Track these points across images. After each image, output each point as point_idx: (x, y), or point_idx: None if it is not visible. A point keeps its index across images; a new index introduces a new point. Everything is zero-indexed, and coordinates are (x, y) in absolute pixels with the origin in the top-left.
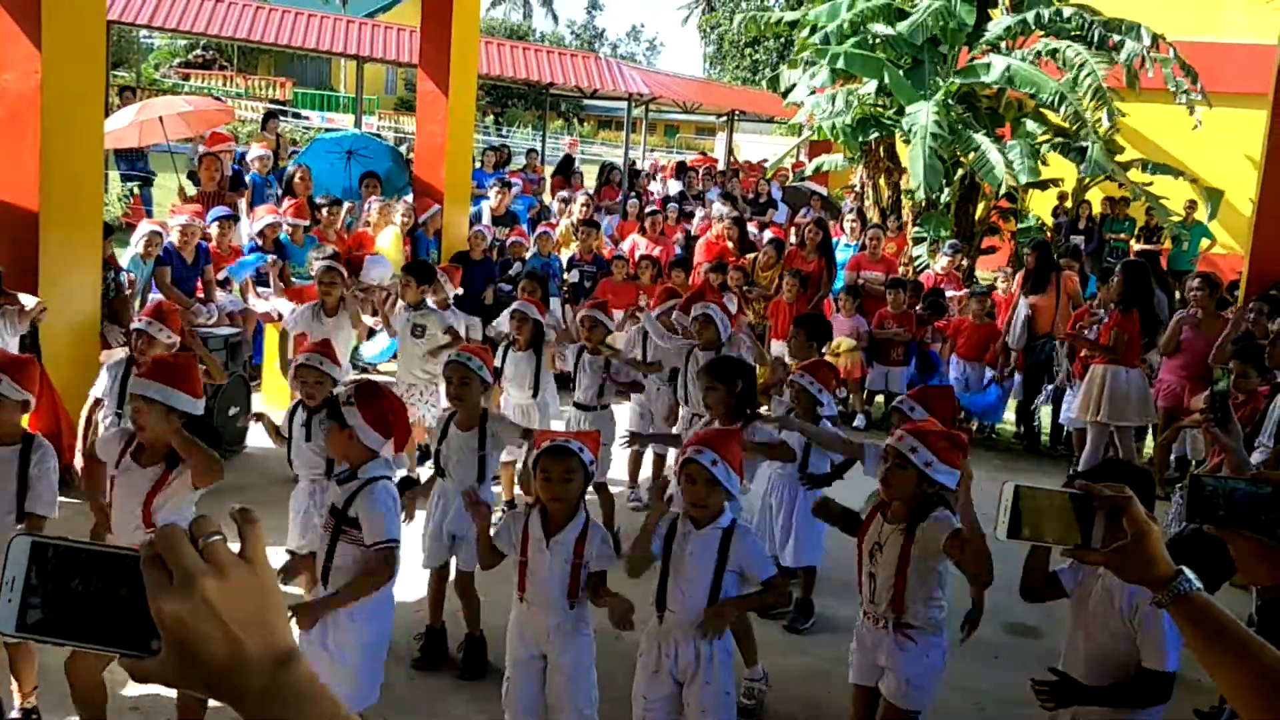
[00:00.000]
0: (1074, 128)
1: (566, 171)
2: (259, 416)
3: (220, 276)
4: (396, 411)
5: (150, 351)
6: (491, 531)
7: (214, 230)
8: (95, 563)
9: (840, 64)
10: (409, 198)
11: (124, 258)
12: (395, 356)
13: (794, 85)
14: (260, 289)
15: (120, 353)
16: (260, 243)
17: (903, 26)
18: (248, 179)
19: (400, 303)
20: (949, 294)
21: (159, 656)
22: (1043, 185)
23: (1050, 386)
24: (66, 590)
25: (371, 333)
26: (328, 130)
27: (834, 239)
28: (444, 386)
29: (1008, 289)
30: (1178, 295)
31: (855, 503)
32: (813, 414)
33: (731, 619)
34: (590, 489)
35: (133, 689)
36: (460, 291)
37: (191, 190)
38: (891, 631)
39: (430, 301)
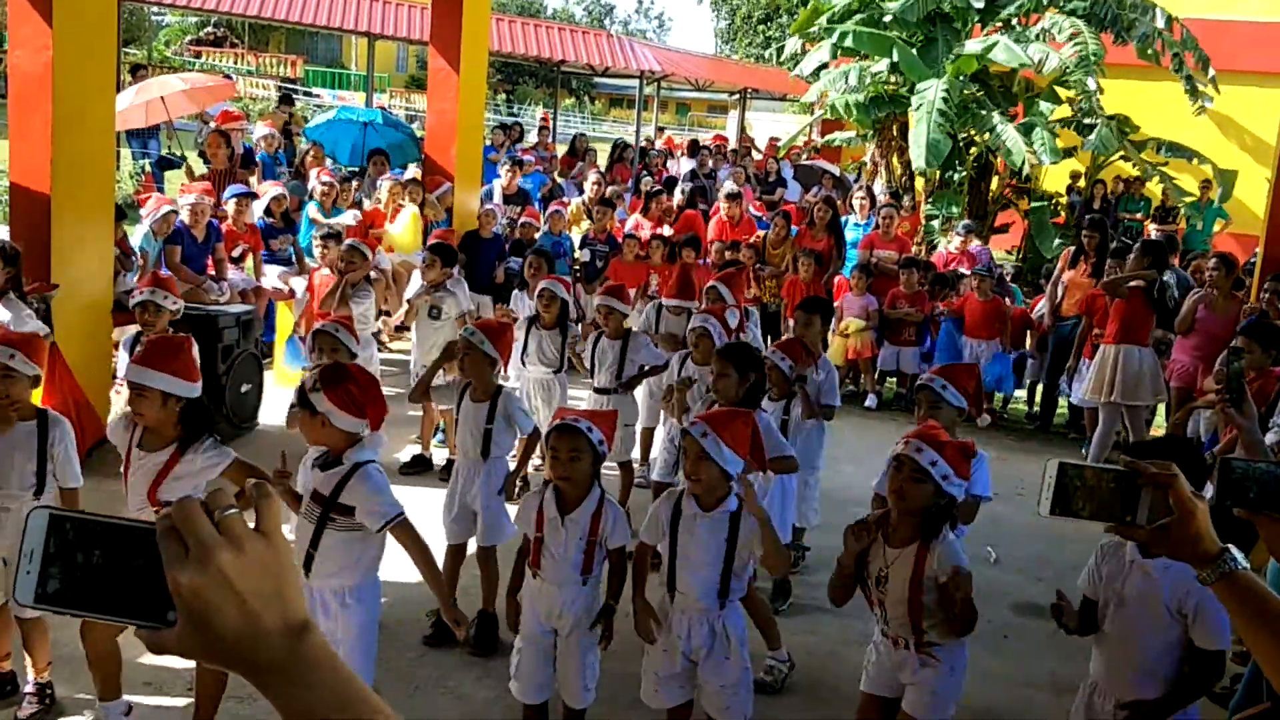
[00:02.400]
0: (1080, 100)
1: (576, 151)
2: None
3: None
4: (365, 388)
5: (158, 322)
6: (511, 510)
7: (231, 208)
8: (112, 535)
9: (849, 42)
10: (414, 174)
11: (135, 234)
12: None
13: (803, 56)
14: (270, 266)
15: (132, 327)
16: (270, 220)
17: (911, 2)
18: (257, 158)
19: (421, 282)
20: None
21: (175, 628)
22: (1056, 161)
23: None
24: (84, 562)
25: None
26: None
27: (843, 218)
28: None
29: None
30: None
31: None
32: (787, 389)
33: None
34: (616, 466)
35: (148, 659)
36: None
37: (202, 168)
38: (913, 652)
39: (449, 283)
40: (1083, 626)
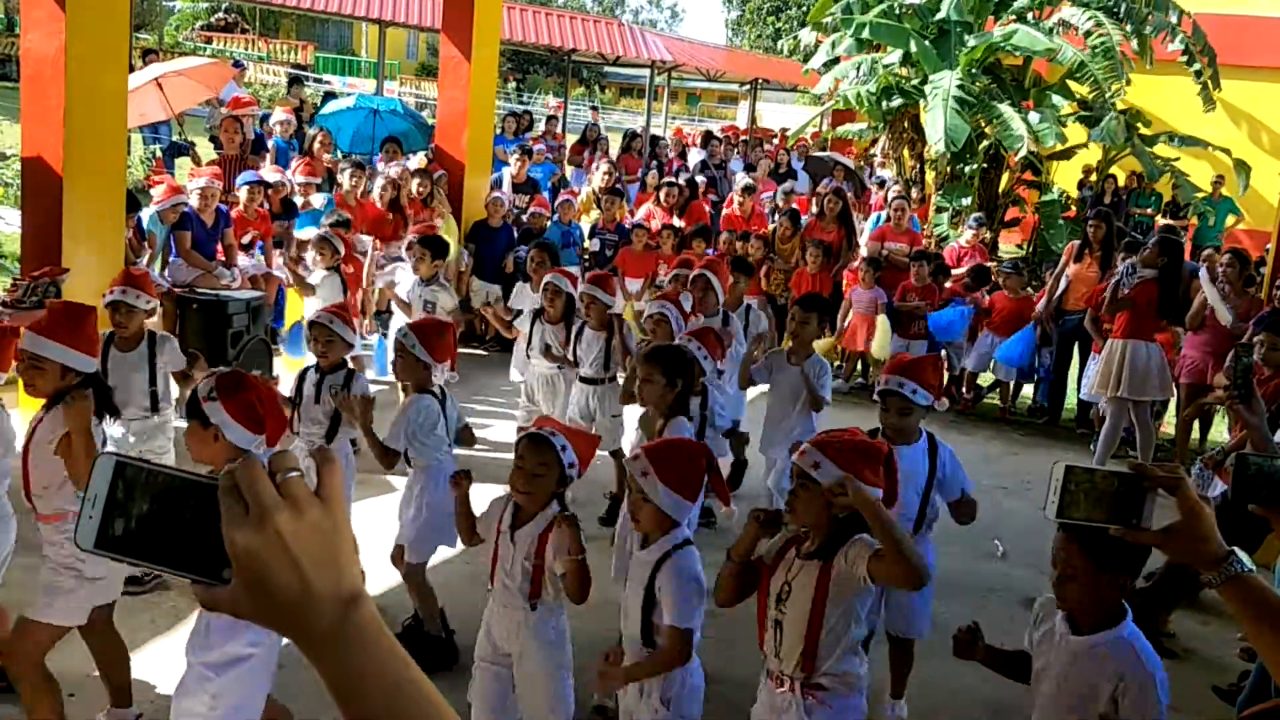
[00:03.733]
0: (1092, 95)
1: (587, 141)
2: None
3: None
4: (267, 402)
5: (130, 323)
6: (478, 512)
7: (243, 195)
8: (175, 488)
9: (866, 33)
10: (420, 162)
11: (144, 216)
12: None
13: (815, 50)
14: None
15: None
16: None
17: None
18: (270, 143)
19: (413, 276)
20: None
21: (229, 587)
22: (1067, 155)
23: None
24: (146, 512)
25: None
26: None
27: (855, 213)
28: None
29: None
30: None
31: None
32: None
33: (619, 685)
34: (609, 455)
35: (65, 673)
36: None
37: (212, 155)
38: (799, 693)
39: (441, 276)
40: (1016, 674)
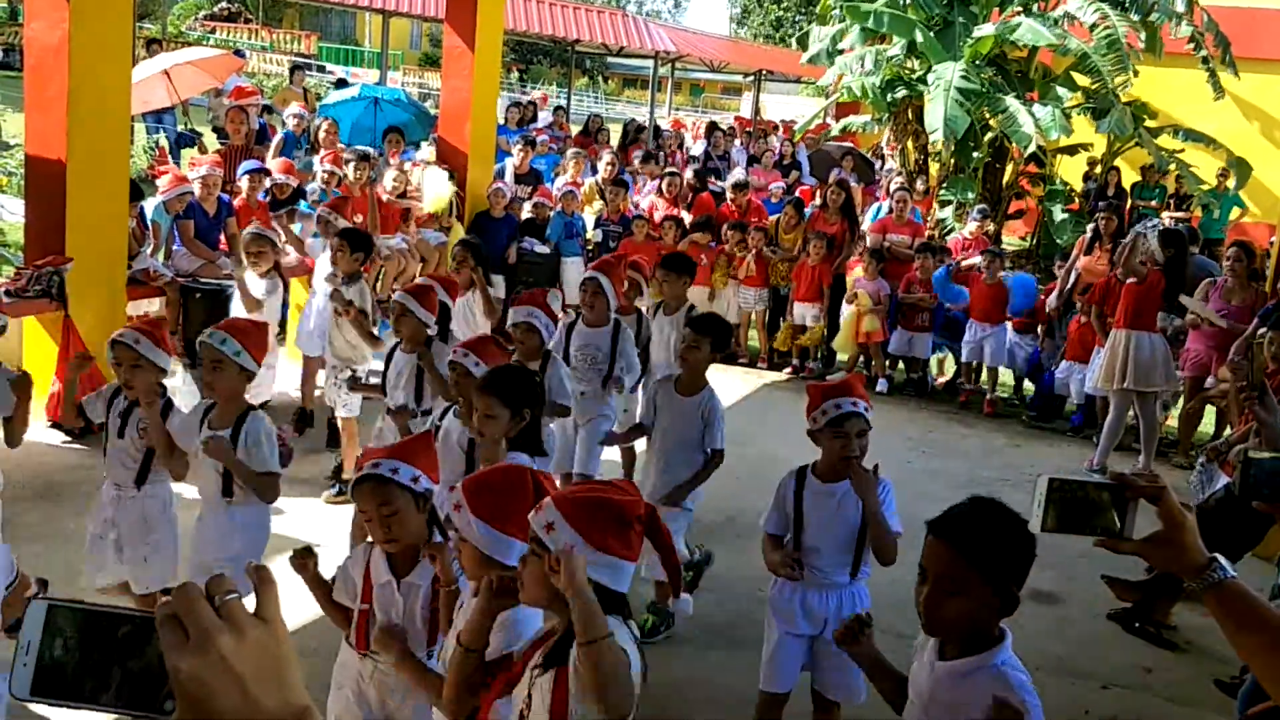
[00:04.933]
0: (1097, 87)
1: (590, 132)
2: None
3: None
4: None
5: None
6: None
7: (245, 184)
8: (110, 625)
9: (871, 23)
10: (428, 154)
11: (147, 206)
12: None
13: (820, 44)
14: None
15: (145, 303)
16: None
17: None
18: (281, 134)
19: (329, 268)
20: (973, 261)
21: (173, 717)
22: (1072, 150)
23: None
24: (81, 652)
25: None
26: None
27: (873, 205)
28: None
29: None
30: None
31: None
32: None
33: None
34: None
35: None
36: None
37: (218, 146)
38: None
39: (364, 276)
40: (896, 698)
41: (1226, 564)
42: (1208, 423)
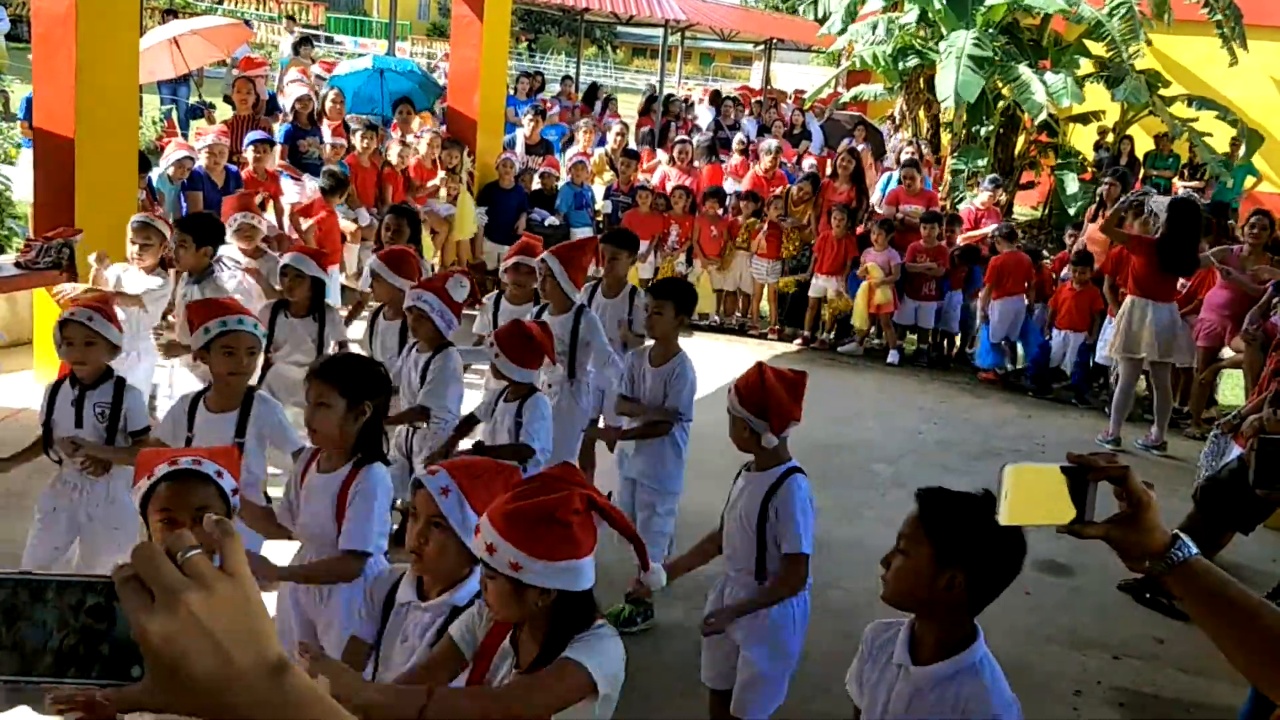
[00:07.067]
0: (1110, 55)
1: (592, 100)
2: None
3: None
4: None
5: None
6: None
7: (250, 154)
8: (64, 594)
9: None
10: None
11: (152, 175)
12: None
13: (831, 12)
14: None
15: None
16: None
17: None
18: (281, 130)
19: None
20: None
21: (143, 681)
22: (1084, 119)
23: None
24: (35, 627)
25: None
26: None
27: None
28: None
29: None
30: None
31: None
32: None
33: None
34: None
35: None
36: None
37: (228, 116)
38: None
39: (216, 268)
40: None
41: (1189, 541)
42: (1229, 394)
